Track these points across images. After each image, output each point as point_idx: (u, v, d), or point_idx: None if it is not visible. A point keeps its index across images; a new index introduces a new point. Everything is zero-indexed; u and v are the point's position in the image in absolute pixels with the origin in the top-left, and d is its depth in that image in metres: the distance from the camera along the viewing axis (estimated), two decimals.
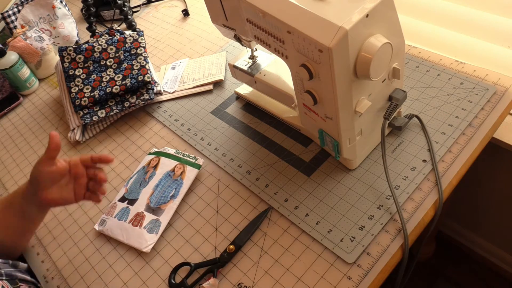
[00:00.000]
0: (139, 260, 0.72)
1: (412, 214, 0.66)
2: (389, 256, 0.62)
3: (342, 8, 0.55)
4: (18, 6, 1.19)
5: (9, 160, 0.98)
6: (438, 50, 0.89)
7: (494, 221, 1.21)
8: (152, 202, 0.77)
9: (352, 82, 0.59)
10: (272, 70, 0.83)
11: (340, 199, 0.70)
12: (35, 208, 0.70)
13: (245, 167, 0.80)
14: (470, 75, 0.81)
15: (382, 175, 0.72)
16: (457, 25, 0.99)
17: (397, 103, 0.68)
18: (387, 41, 0.56)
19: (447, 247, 1.40)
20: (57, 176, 0.67)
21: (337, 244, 0.65)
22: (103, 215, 0.79)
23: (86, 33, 1.25)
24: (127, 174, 0.86)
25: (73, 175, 0.69)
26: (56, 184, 0.68)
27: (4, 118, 1.10)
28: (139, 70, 0.96)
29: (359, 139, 0.69)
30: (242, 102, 0.93)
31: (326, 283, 0.62)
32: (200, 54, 1.08)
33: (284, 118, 0.84)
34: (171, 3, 1.32)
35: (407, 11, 1.07)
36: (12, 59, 1.06)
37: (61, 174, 0.68)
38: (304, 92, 0.65)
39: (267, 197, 0.74)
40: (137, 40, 1.01)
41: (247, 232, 0.70)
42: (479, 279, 1.34)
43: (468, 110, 0.76)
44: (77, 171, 0.69)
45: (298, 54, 0.61)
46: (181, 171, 0.80)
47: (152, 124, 0.95)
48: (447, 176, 0.69)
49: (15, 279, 0.67)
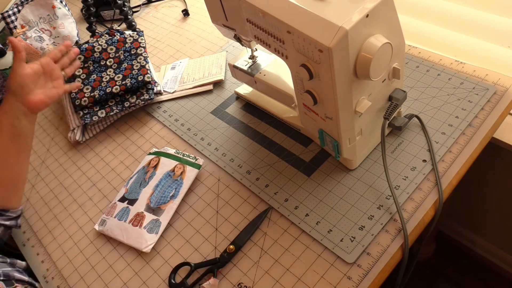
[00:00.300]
0: (139, 260, 0.72)
1: (412, 214, 0.66)
2: (389, 256, 0.62)
3: (342, 8, 0.55)
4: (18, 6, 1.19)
5: None
6: (438, 50, 0.89)
7: (494, 221, 1.21)
8: (152, 202, 0.77)
9: (352, 82, 0.59)
10: (272, 70, 0.83)
11: (340, 199, 0.70)
12: (24, 119, 0.73)
13: (245, 167, 0.80)
14: (470, 75, 0.81)
15: (382, 175, 0.72)
16: (457, 25, 0.99)
17: (397, 103, 0.68)
18: (387, 41, 0.56)
19: (447, 247, 1.39)
20: (34, 77, 0.73)
21: (337, 244, 0.65)
22: (103, 215, 0.79)
23: (86, 33, 1.25)
24: (127, 174, 0.86)
25: (48, 72, 0.76)
26: (37, 85, 0.73)
27: None
28: (139, 70, 0.96)
29: (359, 139, 0.69)
30: (242, 102, 0.93)
31: (326, 283, 0.62)
32: (200, 54, 1.08)
33: (284, 118, 0.84)
34: (171, 3, 1.32)
35: (407, 11, 1.07)
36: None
37: (37, 74, 0.74)
38: (304, 92, 0.65)
39: (267, 197, 0.74)
40: (137, 40, 1.01)
41: (247, 232, 0.70)
42: (479, 279, 1.34)
43: (468, 110, 0.76)
44: (49, 67, 0.76)
45: (298, 54, 0.61)
46: (181, 171, 0.80)
47: (152, 124, 0.95)
48: (447, 176, 0.69)
49: (12, 279, 0.68)
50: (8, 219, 0.76)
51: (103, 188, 0.85)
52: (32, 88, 0.73)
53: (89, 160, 0.92)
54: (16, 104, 0.72)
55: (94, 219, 0.80)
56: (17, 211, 0.78)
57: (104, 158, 0.91)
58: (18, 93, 0.72)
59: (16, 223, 0.78)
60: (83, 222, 0.81)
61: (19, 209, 0.79)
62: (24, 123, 0.73)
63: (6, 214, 0.75)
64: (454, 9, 1.01)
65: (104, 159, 0.91)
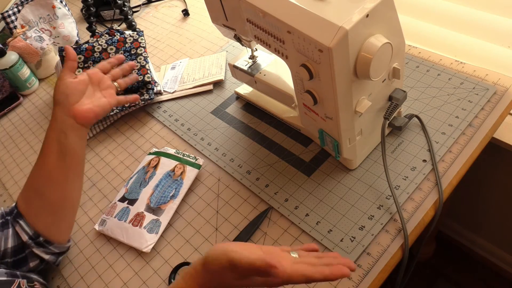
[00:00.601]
0: (139, 260, 0.72)
1: (412, 214, 0.66)
2: (389, 256, 0.62)
3: (342, 8, 0.55)
4: (18, 6, 1.19)
5: (9, 160, 0.98)
6: (438, 50, 0.89)
7: (494, 221, 1.21)
8: (152, 202, 0.77)
9: (352, 82, 0.59)
10: (272, 70, 0.83)
11: (340, 199, 0.70)
12: (72, 133, 0.66)
13: (245, 167, 0.80)
14: (470, 75, 0.81)
15: (382, 175, 0.72)
16: (457, 25, 0.99)
17: (397, 103, 0.68)
18: (387, 41, 0.56)
19: (447, 247, 1.39)
20: (80, 85, 0.67)
21: (337, 244, 0.65)
22: (103, 215, 0.79)
23: (86, 33, 1.25)
24: (127, 174, 0.86)
25: (96, 82, 0.70)
26: (84, 95, 0.68)
27: (4, 118, 1.10)
28: (139, 70, 0.96)
29: (359, 139, 0.69)
30: (242, 102, 0.93)
31: (326, 283, 0.62)
32: (200, 54, 1.08)
33: (284, 118, 0.84)
34: (171, 3, 1.32)
35: (407, 11, 1.07)
36: (12, 59, 1.06)
37: (84, 82, 0.68)
38: (304, 92, 0.65)
39: (267, 197, 0.74)
40: (137, 40, 1.01)
41: (247, 232, 0.70)
42: (479, 279, 1.34)
43: (468, 110, 0.76)
44: (97, 77, 0.70)
45: (298, 54, 0.61)
46: (181, 171, 0.80)
47: (152, 124, 0.95)
48: (447, 176, 0.69)
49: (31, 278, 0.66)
50: (48, 253, 0.68)
51: (103, 188, 0.85)
52: (78, 97, 0.66)
53: (89, 160, 0.92)
54: (62, 116, 0.65)
55: (94, 219, 0.80)
56: (61, 247, 0.70)
57: (104, 158, 0.91)
58: (63, 103, 0.65)
59: (56, 260, 0.70)
60: (83, 222, 0.81)
61: (66, 246, 0.72)
62: (71, 138, 0.65)
63: (49, 247, 0.68)
64: (454, 9, 1.01)
65: (104, 159, 0.91)
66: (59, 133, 0.65)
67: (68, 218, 0.71)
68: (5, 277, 0.61)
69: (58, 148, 0.65)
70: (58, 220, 0.69)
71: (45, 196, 0.67)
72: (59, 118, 0.65)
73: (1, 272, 0.62)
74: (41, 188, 0.67)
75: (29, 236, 0.66)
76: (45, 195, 0.67)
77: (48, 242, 0.68)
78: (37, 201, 0.67)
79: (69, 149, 0.66)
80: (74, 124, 0.66)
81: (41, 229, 0.67)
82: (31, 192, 0.68)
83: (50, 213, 0.67)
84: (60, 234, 0.70)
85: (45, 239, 0.67)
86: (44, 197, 0.67)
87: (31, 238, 0.66)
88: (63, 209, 0.69)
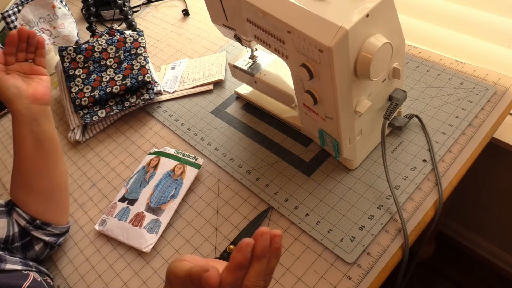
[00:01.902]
0: (139, 260, 0.72)
1: (412, 214, 0.66)
2: (389, 256, 0.62)
3: (342, 8, 0.55)
4: (18, 6, 1.19)
5: (9, 160, 0.98)
6: (438, 50, 0.89)
7: (494, 221, 1.21)
8: (152, 202, 0.77)
9: (352, 82, 0.59)
10: (272, 70, 0.83)
11: (340, 199, 0.70)
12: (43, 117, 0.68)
13: (245, 167, 0.80)
14: (470, 75, 0.81)
15: (382, 175, 0.72)
16: (457, 25, 0.99)
17: (397, 103, 0.68)
18: (387, 41, 0.56)
19: (447, 247, 1.39)
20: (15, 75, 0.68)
21: (337, 244, 0.65)
22: (103, 215, 0.79)
23: (86, 33, 1.25)
24: (127, 174, 0.86)
25: (17, 71, 0.69)
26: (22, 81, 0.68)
27: (4, 118, 1.10)
28: (139, 70, 0.96)
29: (359, 139, 0.69)
30: (242, 102, 0.93)
31: (326, 283, 0.62)
32: (200, 54, 1.08)
33: (284, 118, 0.84)
34: (171, 3, 1.32)
35: (407, 11, 1.07)
36: None
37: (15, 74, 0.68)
38: (304, 92, 0.65)
39: (267, 197, 0.74)
40: (137, 40, 1.01)
41: (247, 232, 0.70)
42: (479, 279, 1.34)
43: (468, 110, 0.76)
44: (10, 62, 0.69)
45: (298, 54, 0.61)
46: (181, 171, 0.80)
47: (152, 124, 0.95)
48: (447, 176, 0.69)
49: (42, 272, 0.68)
50: (48, 235, 0.71)
51: (103, 188, 0.85)
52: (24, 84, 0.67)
53: (89, 160, 0.92)
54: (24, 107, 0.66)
55: (94, 219, 0.80)
56: (60, 228, 0.73)
57: (104, 158, 0.91)
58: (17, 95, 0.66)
59: (56, 241, 0.73)
60: (83, 222, 0.81)
61: (64, 227, 0.74)
62: (43, 124, 0.67)
63: (47, 228, 0.71)
64: (454, 9, 1.01)
65: (104, 159, 0.91)
66: (29, 124, 0.66)
67: (61, 201, 0.73)
68: (20, 265, 0.62)
69: (33, 138, 0.67)
70: (50, 205, 0.72)
71: (32, 187, 0.69)
72: (23, 110, 0.66)
73: (16, 260, 0.63)
74: (26, 181, 0.69)
75: (26, 221, 0.69)
76: (31, 187, 0.69)
77: (46, 224, 0.70)
78: (25, 194, 0.70)
79: (44, 134, 0.68)
80: (40, 107, 0.67)
81: (35, 215, 0.70)
82: (18, 188, 0.70)
83: (41, 202, 0.70)
84: (56, 217, 0.73)
85: (42, 222, 0.70)
86: (31, 188, 0.69)
87: (28, 222, 0.69)
88: (53, 195, 0.72)
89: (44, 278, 0.65)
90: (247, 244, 0.36)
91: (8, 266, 0.60)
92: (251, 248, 0.37)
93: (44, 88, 0.69)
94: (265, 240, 0.37)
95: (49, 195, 0.71)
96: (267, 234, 0.37)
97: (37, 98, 0.67)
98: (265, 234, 0.37)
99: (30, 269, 0.63)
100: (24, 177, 0.69)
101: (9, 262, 0.61)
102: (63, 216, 0.74)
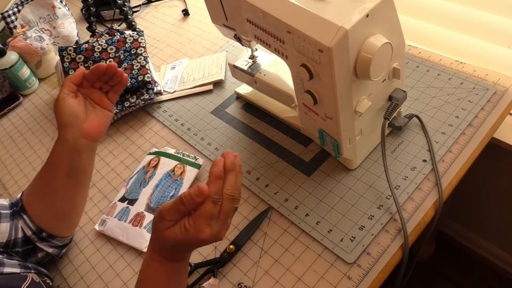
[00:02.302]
0: (139, 260, 0.72)
1: (412, 214, 0.66)
2: (389, 256, 0.62)
3: (342, 8, 0.55)
4: (18, 6, 1.19)
5: (9, 160, 0.98)
6: (438, 50, 0.89)
7: (494, 221, 1.21)
8: (152, 202, 0.77)
9: (352, 82, 0.59)
10: (272, 70, 0.83)
11: (340, 199, 0.70)
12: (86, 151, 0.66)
13: (245, 167, 0.80)
14: (470, 75, 0.81)
15: (382, 175, 0.72)
16: (457, 25, 0.99)
17: (397, 103, 0.68)
18: (387, 41, 0.56)
19: (447, 247, 1.39)
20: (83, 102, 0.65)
21: (337, 244, 0.65)
22: (103, 215, 0.79)
23: (86, 33, 1.25)
24: (127, 174, 0.86)
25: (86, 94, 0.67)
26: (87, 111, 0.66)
27: (4, 118, 1.10)
28: (139, 70, 0.96)
29: (359, 139, 0.69)
30: (242, 102, 0.93)
31: (326, 283, 0.62)
32: (200, 54, 1.08)
33: (284, 118, 0.84)
34: (171, 3, 1.32)
35: (407, 11, 1.07)
36: (12, 59, 1.06)
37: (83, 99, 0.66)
38: (304, 92, 0.65)
39: (267, 197, 0.74)
40: (137, 40, 1.01)
41: (247, 232, 0.70)
42: (479, 279, 1.34)
43: (468, 110, 0.76)
44: (88, 92, 0.67)
45: (298, 54, 0.61)
46: (181, 171, 0.80)
47: (152, 124, 0.95)
48: (447, 176, 0.69)
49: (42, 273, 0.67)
50: (52, 246, 0.71)
51: (103, 188, 0.85)
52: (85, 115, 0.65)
53: None
54: (73, 137, 0.63)
55: (94, 219, 0.80)
56: (64, 240, 0.72)
57: (104, 158, 0.91)
58: (72, 124, 0.63)
59: (59, 253, 0.72)
60: (83, 222, 0.81)
61: (68, 239, 0.73)
62: (84, 157, 0.66)
63: (52, 241, 0.70)
64: (454, 9, 1.01)
65: (104, 159, 0.91)
66: (71, 153, 0.64)
67: (74, 220, 0.73)
68: (18, 268, 0.62)
69: (69, 165, 0.65)
70: (63, 223, 0.71)
71: (51, 205, 0.68)
72: (71, 140, 0.64)
73: (14, 263, 0.62)
74: (46, 197, 0.68)
75: (32, 232, 0.68)
76: (50, 204, 0.68)
77: (51, 236, 0.70)
78: (41, 207, 0.68)
79: (81, 166, 0.66)
80: (87, 142, 0.65)
81: (44, 228, 0.69)
82: (36, 197, 0.69)
83: (55, 219, 0.69)
84: (64, 232, 0.72)
85: (48, 234, 0.69)
86: (49, 206, 0.68)
87: (34, 233, 0.68)
88: (69, 216, 0.71)
89: (43, 279, 0.64)
90: (220, 160, 0.50)
91: (7, 269, 0.60)
92: (223, 163, 0.50)
93: (100, 126, 0.66)
94: (230, 157, 0.50)
95: (64, 215, 0.70)
96: (230, 153, 0.51)
97: (89, 134, 0.65)
98: (229, 153, 0.51)
99: (28, 271, 0.63)
100: (46, 193, 0.67)
101: (7, 266, 0.60)
102: (71, 231, 0.74)
